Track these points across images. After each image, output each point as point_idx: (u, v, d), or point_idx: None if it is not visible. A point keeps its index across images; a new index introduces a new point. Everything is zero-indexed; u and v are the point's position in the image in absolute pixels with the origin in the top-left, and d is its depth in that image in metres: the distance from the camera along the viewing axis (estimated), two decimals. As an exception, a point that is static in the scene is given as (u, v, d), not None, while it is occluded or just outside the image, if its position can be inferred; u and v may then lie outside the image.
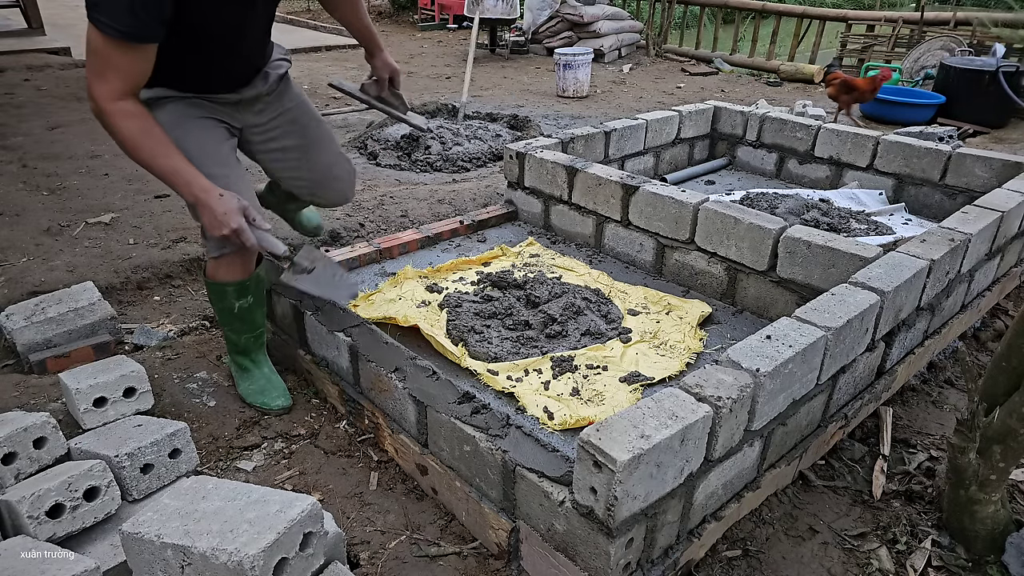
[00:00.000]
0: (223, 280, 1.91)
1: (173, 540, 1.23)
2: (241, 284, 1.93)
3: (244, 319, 2.01)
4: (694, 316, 2.43)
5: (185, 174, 1.59)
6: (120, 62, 1.49)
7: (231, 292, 1.93)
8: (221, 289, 1.92)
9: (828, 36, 8.19)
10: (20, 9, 7.54)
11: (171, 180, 1.61)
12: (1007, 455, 1.56)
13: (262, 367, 2.13)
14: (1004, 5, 12.93)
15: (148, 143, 1.56)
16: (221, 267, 1.89)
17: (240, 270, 1.91)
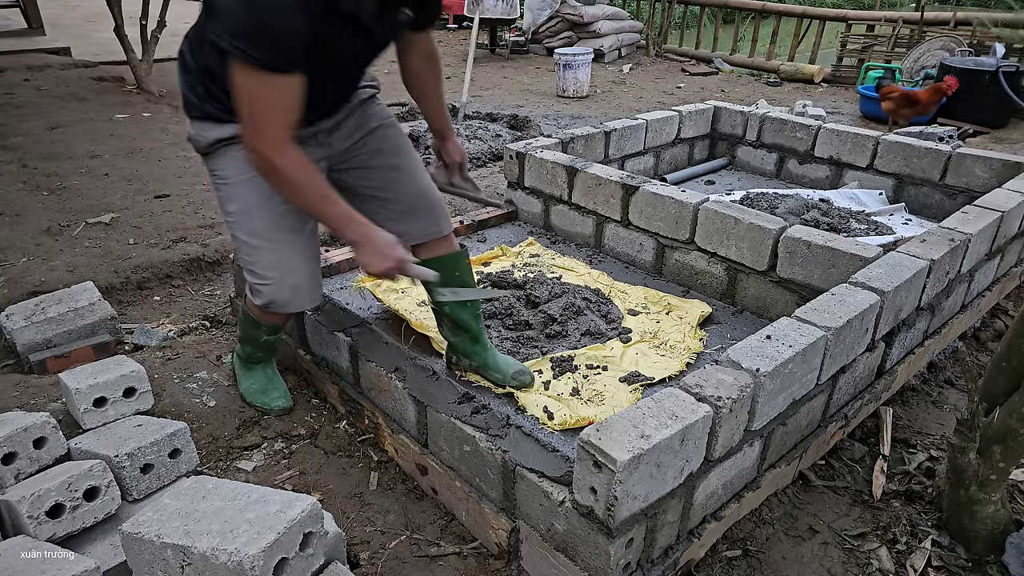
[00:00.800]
0: (259, 319, 1.90)
1: (173, 540, 1.23)
2: (274, 328, 1.96)
3: (263, 347, 2.05)
4: (694, 316, 2.43)
5: (347, 218, 1.56)
6: (274, 98, 1.39)
7: (264, 329, 1.95)
8: (256, 323, 1.92)
9: (828, 36, 8.19)
10: (20, 9, 7.54)
11: (336, 223, 1.56)
12: (1007, 455, 1.56)
13: (266, 368, 2.13)
14: (1004, 5, 12.93)
15: (316, 190, 1.51)
16: (269, 316, 1.88)
17: (281, 319, 1.94)
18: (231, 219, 1.69)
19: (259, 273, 1.70)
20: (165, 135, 4.60)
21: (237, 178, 1.64)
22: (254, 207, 1.65)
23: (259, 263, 1.69)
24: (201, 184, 3.80)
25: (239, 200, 1.66)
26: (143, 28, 5.64)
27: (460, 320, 1.98)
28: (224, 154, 1.64)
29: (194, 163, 4.13)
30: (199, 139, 1.64)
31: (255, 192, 1.65)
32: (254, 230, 1.66)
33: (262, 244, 1.67)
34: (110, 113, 5.01)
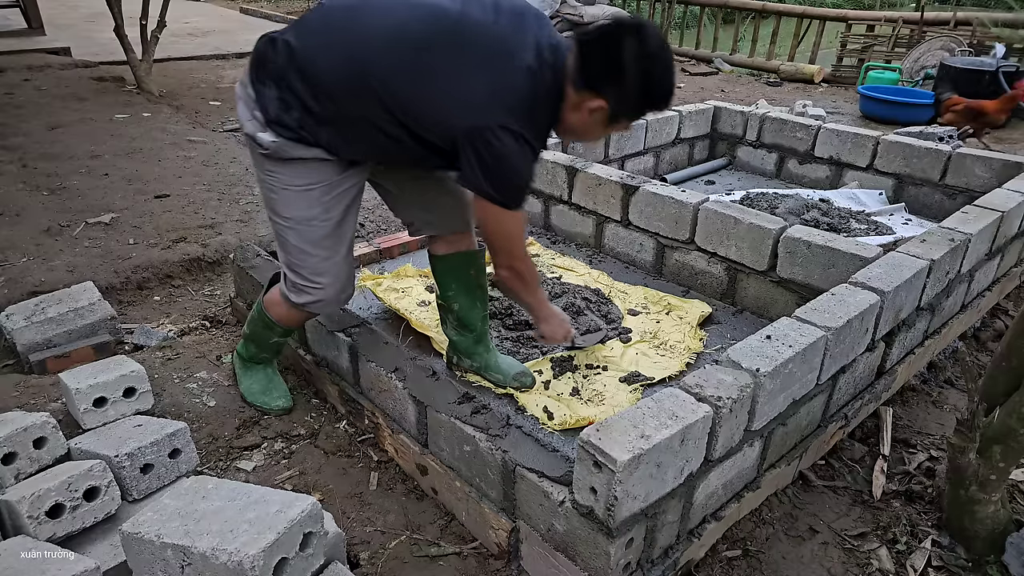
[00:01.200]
0: (277, 320, 1.89)
1: (173, 540, 1.23)
2: (288, 330, 1.96)
3: (273, 348, 2.06)
4: (694, 316, 2.43)
5: (545, 303, 1.93)
6: (520, 227, 1.69)
7: (277, 330, 1.94)
8: (270, 324, 1.91)
9: (828, 36, 8.18)
10: (20, 9, 7.53)
11: (540, 300, 1.90)
12: (1007, 455, 1.56)
13: (267, 367, 2.11)
14: (1004, 5, 12.92)
15: (533, 284, 1.83)
16: (284, 311, 1.85)
17: (299, 321, 1.93)
18: (286, 224, 1.69)
19: (308, 278, 1.74)
20: (165, 135, 4.60)
21: (302, 188, 1.64)
22: (316, 217, 1.67)
23: (310, 268, 1.73)
24: (201, 184, 3.80)
25: (299, 209, 1.66)
26: (143, 28, 5.64)
27: (467, 320, 1.99)
28: (296, 165, 1.62)
29: (194, 163, 4.13)
30: (280, 151, 1.59)
31: (318, 203, 1.67)
32: (311, 239, 1.69)
33: (317, 252, 1.71)
34: (110, 113, 5.00)
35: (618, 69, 1.47)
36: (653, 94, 1.53)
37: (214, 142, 4.55)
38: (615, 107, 1.53)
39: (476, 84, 1.48)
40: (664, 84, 1.53)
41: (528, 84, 1.50)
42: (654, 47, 1.47)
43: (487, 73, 1.48)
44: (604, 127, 1.60)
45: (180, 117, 5.12)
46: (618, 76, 1.48)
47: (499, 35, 1.51)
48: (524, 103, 1.50)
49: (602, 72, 1.49)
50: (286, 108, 1.55)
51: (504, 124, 1.47)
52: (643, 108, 1.57)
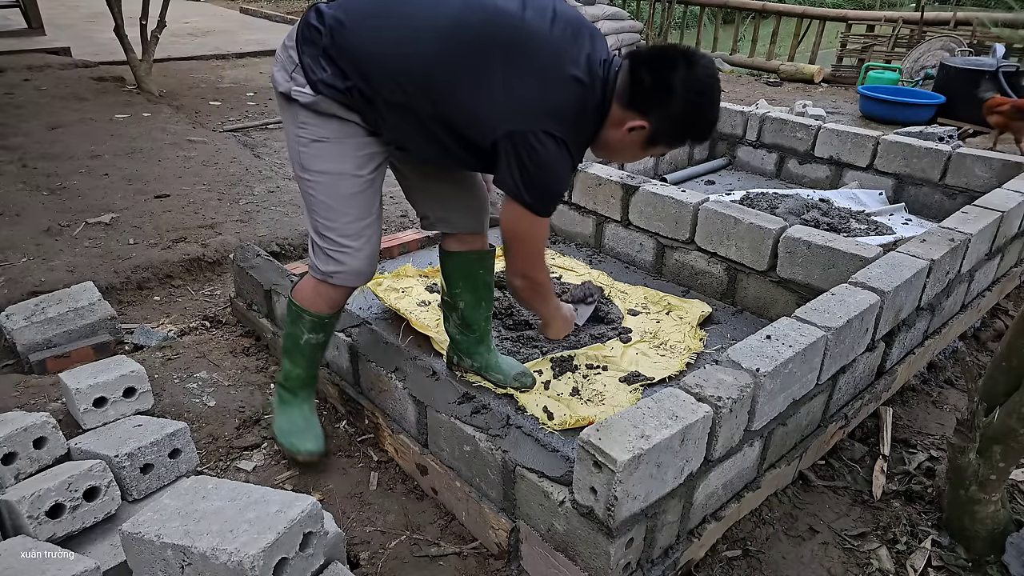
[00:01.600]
0: (306, 306, 1.77)
1: (173, 540, 1.23)
2: (319, 319, 1.79)
3: (305, 354, 1.86)
4: (694, 316, 2.43)
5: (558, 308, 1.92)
6: (542, 235, 1.67)
7: (306, 322, 1.79)
8: (299, 313, 1.78)
9: (828, 36, 8.19)
10: (20, 9, 7.53)
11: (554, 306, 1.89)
12: (1007, 455, 1.56)
13: (302, 405, 1.94)
14: (1004, 5, 12.92)
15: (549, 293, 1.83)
16: (311, 291, 1.76)
17: (327, 303, 1.78)
18: (316, 179, 1.62)
19: (337, 240, 1.66)
20: (165, 135, 4.60)
21: (337, 139, 1.59)
22: (347, 172, 1.62)
23: (340, 229, 1.65)
24: (201, 184, 3.80)
25: (332, 161, 1.61)
26: (143, 28, 5.64)
27: (471, 319, 1.98)
28: (332, 120, 1.58)
29: (194, 163, 4.13)
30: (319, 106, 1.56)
31: (351, 157, 1.61)
32: (342, 194, 1.63)
33: (348, 211, 1.64)
34: (110, 113, 5.00)
35: (667, 91, 1.48)
36: (696, 124, 1.54)
37: (214, 142, 4.55)
38: (656, 129, 1.53)
39: (527, 89, 1.48)
40: (708, 115, 1.54)
41: (577, 94, 1.50)
42: (705, 77, 1.49)
43: (539, 79, 1.48)
44: (641, 148, 1.60)
45: (180, 117, 5.12)
46: (665, 98, 1.49)
47: (554, 43, 1.51)
48: (570, 112, 1.50)
49: (650, 92, 1.50)
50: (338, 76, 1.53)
51: (549, 130, 1.47)
52: (684, 135, 1.57)
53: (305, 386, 1.92)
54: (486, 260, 1.96)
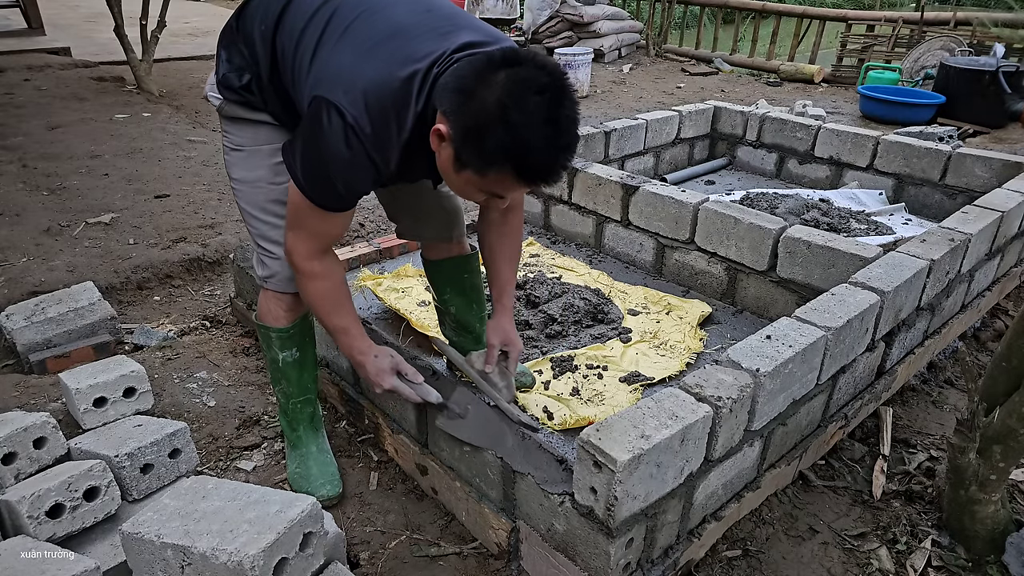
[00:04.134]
0: (266, 321, 1.72)
1: (173, 540, 1.23)
2: (283, 332, 1.71)
3: (289, 377, 1.77)
4: (694, 316, 2.43)
5: (348, 336, 1.59)
6: (321, 225, 1.46)
7: (274, 340, 1.73)
8: (266, 333, 1.73)
9: (828, 36, 8.19)
10: (20, 9, 7.54)
11: (336, 337, 1.61)
12: (1007, 455, 1.56)
13: (309, 445, 1.83)
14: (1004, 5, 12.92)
15: (325, 305, 1.56)
16: (264, 304, 1.70)
17: (281, 313, 1.69)
18: (236, 186, 1.63)
19: (263, 245, 1.64)
20: (165, 135, 4.60)
21: (250, 148, 1.59)
22: (262, 179, 1.59)
23: (263, 236, 1.63)
24: (201, 184, 3.80)
25: (246, 169, 1.60)
26: (143, 28, 5.64)
27: (465, 322, 1.98)
28: (244, 125, 1.58)
29: (194, 163, 4.13)
30: (226, 110, 1.58)
31: (264, 165, 1.59)
32: (257, 202, 1.61)
33: (267, 218, 1.62)
34: (110, 113, 5.01)
35: (465, 91, 1.20)
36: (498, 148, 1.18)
37: (214, 142, 4.55)
38: (456, 139, 1.23)
39: (340, 57, 1.31)
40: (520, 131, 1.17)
41: (396, 84, 1.27)
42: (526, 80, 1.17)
43: (359, 51, 1.30)
44: (454, 170, 1.29)
45: (180, 117, 5.12)
46: (463, 100, 1.20)
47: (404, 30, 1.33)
48: (376, 98, 1.27)
49: (451, 85, 1.23)
50: (236, 71, 1.52)
51: (340, 104, 1.25)
52: (487, 163, 1.22)
53: (303, 419, 1.83)
54: (469, 264, 1.94)
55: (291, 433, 1.85)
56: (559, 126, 1.20)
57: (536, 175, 1.24)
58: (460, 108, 1.21)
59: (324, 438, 1.89)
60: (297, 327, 1.73)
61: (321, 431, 1.89)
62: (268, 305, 1.70)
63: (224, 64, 1.54)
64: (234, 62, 1.52)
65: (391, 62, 1.28)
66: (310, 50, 1.35)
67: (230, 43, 1.54)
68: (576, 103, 1.24)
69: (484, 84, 1.18)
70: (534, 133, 1.18)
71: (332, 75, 1.30)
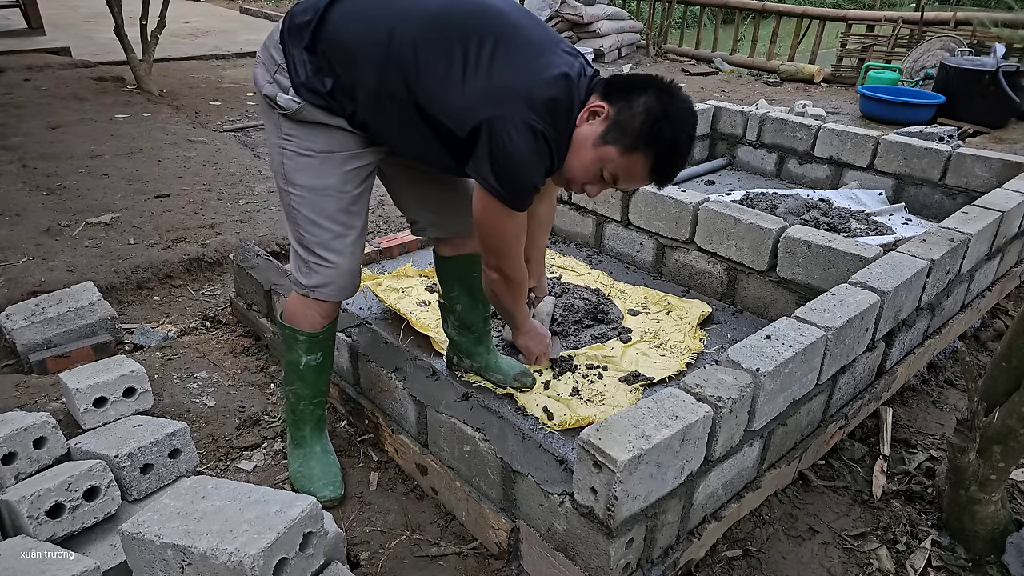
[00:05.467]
0: (298, 325, 1.72)
1: (173, 540, 1.23)
2: (313, 336, 1.73)
3: (307, 380, 1.78)
4: (694, 316, 2.43)
5: (522, 316, 1.87)
6: (518, 231, 1.60)
7: (301, 343, 1.73)
8: (293, 335, 1.73)
9: (828, 36, 8.18)
10: (20, 9, 7.54)
11: (521, 314, 1.86)
12: (1007, 455, 1.56)
13: (314, 445, 1.85)
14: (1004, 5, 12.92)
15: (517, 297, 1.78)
16: (299, 308, 1.71)
17: (317, 321, 1.72)
18: (299, 194, 1.59)
19: (320, 254, 1.62)
20: (165, 135, 4.60)
21: (321, 153, 1.57)
22: (332, 187, 1.58)
23: (323, 244, 1.62)
24: (201, 184, 3.80)
25: (316, 176, 1.58)
26: (143, 28, 5.64)
27: (469, 321, 1.98)
28: (317, 129, 1.56)
29: (194, 163, 4.13)
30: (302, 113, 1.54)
31: (336, 172, 1.58)
32: (325, 210, 1.59)
33: (331, 226, 1.61)
34: (110, 113, 5.01)
35: (637, 87, 1.47)
36: (654, 136, 1.45)
37: (214, 142, 4.55)
38: (613, 121, 1.47)
39: (510, 76, 1.44)
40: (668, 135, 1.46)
41: (562, 89, 1.47)
42: (679, 104, 1.46)
43: (522, 68, 1.45)
44: (594, 145, 1.49)
45: (180, 117, 5.12)
46: (633, 93, 1.46)
47: (538, 38, 1.51)
48: (553, 106, 1.46)
49: (620, 85, 1.49)
50: (318, 73, 1.51)
51: (528, 120, 1.42)
52: (637, 142, 1.46)
53: (311, 420, 1.84)
54: (478, 261, 1.95)
55: (296, 432, 1.84)
56: (692, 145, 1.52)
57: (664, 169, 1.50)
58: (629, 98, 1.46)
59: (327, 438, 1.89)
60: (327, 332, 1.75)
61: (325, 432, 1.89)
62: (304, 310, 1.70)
63: (305, 66, 1.51)
64: (315, 64, 1.51)
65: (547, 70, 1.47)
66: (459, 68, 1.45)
67: (309, 46, 1.51)
68: None
69: (655, 94, 1.46)
70: (684, 139, 1.48)
71: (508, 95, 1.43)
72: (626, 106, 1.46)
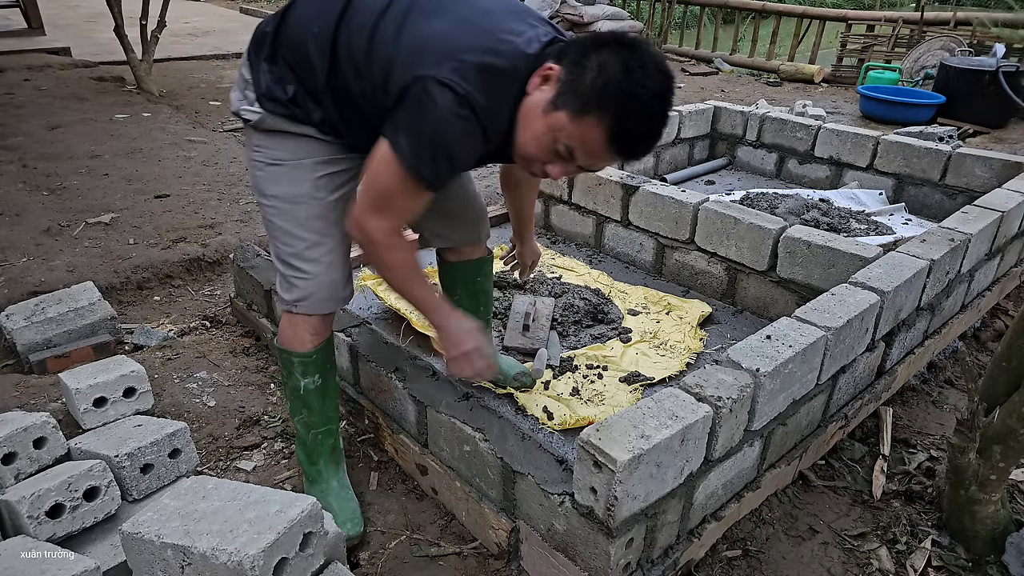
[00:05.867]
0: (288, 346, 1.64)
1: (173, 540, 1.23)
2: (306, 357, 1.64)
3: (310, 405, 1.69)
4: (694, 316, 2.43)
5: (431, 301, 1.55)
6: (410, 204, 1.41)
7: (296, 365, 1.65)
8: (288, 358, 1.66)
9: (828, 36, 8.19)
10: (20, 9, 7.54)
11: (419, 306, 1.57)
12: (1007, 455, 1.56)
13: (330, 480, 1.74)
14: (1004, 5, 12.93)
15: (407, 273, 1.52)
16: (288, 328, 1.63)
17: (307, 339, 1.63)
18: (272, 203, 1.54)
19: (297, 266, 1.57)
20: (165, 135, 4.61)
21: (290, 161, 1.53)
22: (304, 195, 1.53)
23: (298, 255, 1.56)
24: (201, 184, 3.80)
25: (286, 184, 1.53)
26: (143, 28, 5.64)
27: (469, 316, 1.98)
28: (285, 138, 1.53)
29: (194, 163, 4.13)
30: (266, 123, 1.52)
31: (307, 180, 1.53)
32: (298, 219, 1.54)
33: (305, 235, 1.55)
34: (110, 113, 5.01)
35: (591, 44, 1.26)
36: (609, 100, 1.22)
37: (214, 142, 4.55)
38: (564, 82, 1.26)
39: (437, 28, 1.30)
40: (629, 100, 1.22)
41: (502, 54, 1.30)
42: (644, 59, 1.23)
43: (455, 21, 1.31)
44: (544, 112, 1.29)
45: (180, 117, 5.12)
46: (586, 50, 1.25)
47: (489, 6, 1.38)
48: (486, 70, 1.28)
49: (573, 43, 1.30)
50: (279, 82, 1.47)
51: (450, 80, 1.24)
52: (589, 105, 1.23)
53: (324, 451, 1.75)
54: (485, 267, 1.94)
55: (310, 467, 1.75)
56: (664, 109, 1.26)
57: (624, 141, 1.27)
58: (582, 56, 1.24)
59: (344, 472, 1.80)
60: (321, 351, 1.67)
61: (342, 464, 1.80)
62: (292, 329, 1.63)
63: (266, 76, 1.48)
64: (276, 73, 1.47)
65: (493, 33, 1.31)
66: (390, 35, 1.33)
67: (269, 55, 1.48)
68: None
69: (612, 49, 1.23)
70: (647, 102, 1.23)
71: (436, 52, 1.28)
72: (578, 64, 1.25)
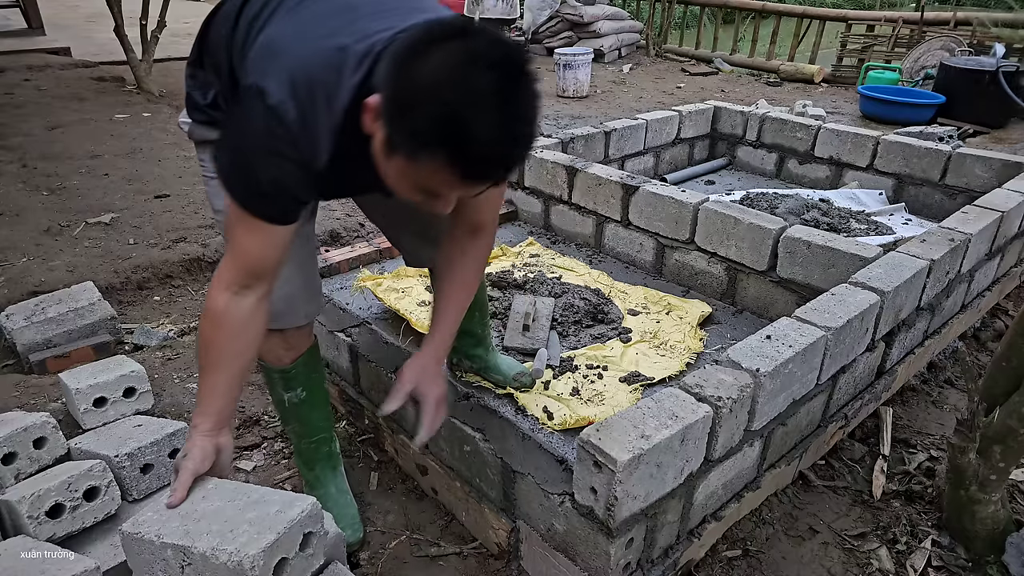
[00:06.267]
0: (266, 360, 1.58)
1: (173, 540, 1.23)
2: (283, 372, 1.58)
3: (299, 418, 1.65)
4: (694, 316, 2.43)
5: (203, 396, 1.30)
6: (244, 241, 1.21)
7: (277, 379, 1.60)
8: (268, 372, 1.61)
9: (828, 36, 8.19)
10: (20, 9, 7.54)
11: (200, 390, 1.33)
12: (1007, 455, 1.56)
13: (328, 486, 1.72)
14: (1004, 5, 12.92)
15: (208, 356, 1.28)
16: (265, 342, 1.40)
17: (282, 355, 1.55)
18: (219, 217, 1.44)
19: None
20: (165, 135, 4.60)
21: None
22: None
23: None
24: (201, 184, 3.80)
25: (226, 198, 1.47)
26: (143, 28, 5.64)
27: (467, 328, 1.97)
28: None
29: (194, 163, 4.13)
30: (196, 133, 1.47)
31: None
32: None
33: None
34: (110, 113, 5.01)
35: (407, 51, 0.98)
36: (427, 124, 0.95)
37: (214, 142, 4.55)
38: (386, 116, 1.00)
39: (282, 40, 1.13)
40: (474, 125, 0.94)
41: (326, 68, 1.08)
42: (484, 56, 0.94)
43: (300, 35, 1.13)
44: (384, 155, 1.06)
45: (180, 117, 5.12)
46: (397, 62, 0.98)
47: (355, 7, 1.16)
48: (310, 85, 1.07)
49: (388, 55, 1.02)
50: (201, 87, 1.41)
51: (265, 87, 1.06)
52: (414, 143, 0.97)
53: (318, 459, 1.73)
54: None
55: (307, 473, 1.73)
56: (512, 111, 0.97)
57: (475, 167, 0.99)
58: (393, 76, 0.98)
59: (343, 477, 1.77)
60: (301, 365, 1.59)
61: (340, 469, 1.77)
62: (268, 343, 1.50)
63: (190, 82, 1.39)
64: (198, 78, 1.38)
65: (328, 38, 1.10)
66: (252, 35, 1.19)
67: (194, 60, 1.39)
68: (537, 91, 0.99)
69: (424, 54, 0.96)
70: (479, 114, 0.94)
71: (266, 55, 1.11)
72: (391, 90, 0.99)
